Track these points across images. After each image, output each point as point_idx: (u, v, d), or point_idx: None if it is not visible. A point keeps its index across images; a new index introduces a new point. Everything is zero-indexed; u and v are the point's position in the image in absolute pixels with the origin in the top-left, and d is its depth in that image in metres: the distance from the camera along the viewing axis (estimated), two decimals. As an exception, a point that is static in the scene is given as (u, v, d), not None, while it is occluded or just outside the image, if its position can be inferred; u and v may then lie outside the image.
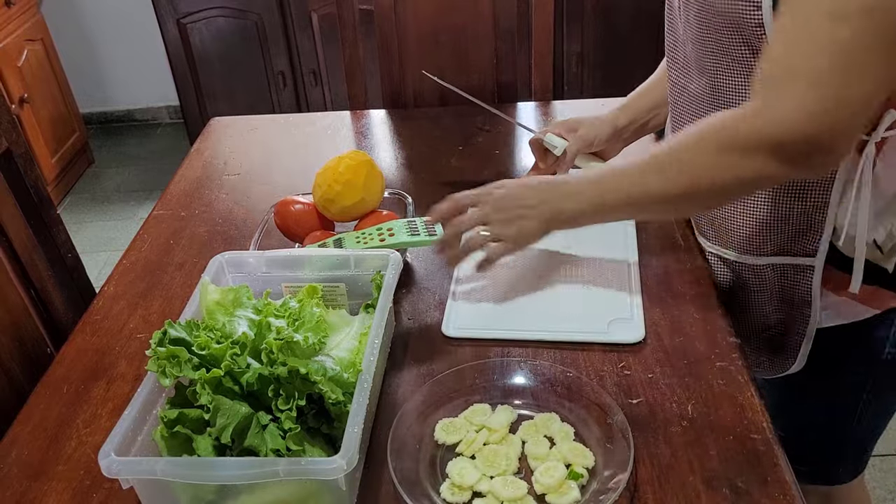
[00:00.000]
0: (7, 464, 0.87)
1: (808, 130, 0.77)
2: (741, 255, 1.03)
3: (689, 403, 0.86)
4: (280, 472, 0.70)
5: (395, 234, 1.02)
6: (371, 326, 0.86)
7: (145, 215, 1.34)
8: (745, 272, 1.05)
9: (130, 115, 3.81)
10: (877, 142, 0.87)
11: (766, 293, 1.04)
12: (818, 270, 0.97)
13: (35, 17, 3.15)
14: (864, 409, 1.05)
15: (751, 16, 0.83)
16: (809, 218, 0.95)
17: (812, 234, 0.95)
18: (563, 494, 0.75)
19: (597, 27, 2.86)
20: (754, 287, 1.05)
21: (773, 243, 0.99)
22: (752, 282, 1.04)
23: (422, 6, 1.63)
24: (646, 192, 0.88)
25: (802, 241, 0.97)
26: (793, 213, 0.95)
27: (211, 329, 0.83)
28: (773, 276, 1.02)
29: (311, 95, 3.04)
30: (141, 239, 1.26)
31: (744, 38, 0.86)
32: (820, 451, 1.12)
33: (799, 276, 0.99)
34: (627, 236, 1.12)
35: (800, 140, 0.77)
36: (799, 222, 0.96)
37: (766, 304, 1.05)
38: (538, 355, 0.94)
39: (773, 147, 0.79)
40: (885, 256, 0.93)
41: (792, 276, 1.00)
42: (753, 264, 1.03)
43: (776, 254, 1.00)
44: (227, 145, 1.54)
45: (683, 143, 0.86)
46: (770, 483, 0.76)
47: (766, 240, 0.99)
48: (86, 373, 0.99)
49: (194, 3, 2.85)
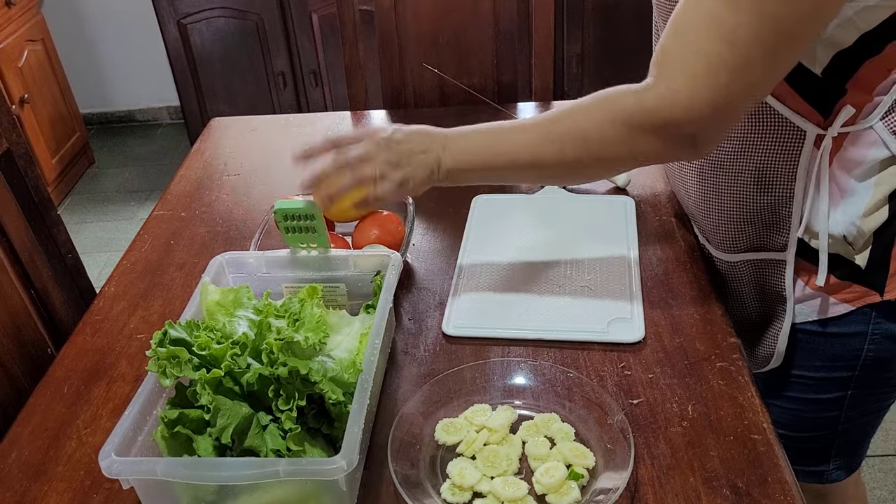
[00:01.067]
0: (7, 464, 0.87)
1: (702, 114, 0.78)
2: (718, 251, 1.05)
3: (689, 404, 0.86)
4: (280, 472, 0.70)
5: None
6: (371, 327, 0.86)
7: (146, 216, 1.34)
8: (723, 267, 1.06)
9: (131, 115, 3.81)
10: (833, 136, 0.87)
11: (744, 288, 1.05)
12: (790, 264, 0.98)
13: (36, 17, 3.15)
14: (849, 407, 1.05)
15: None
16: (775, 212, 0.95)
17: (780, 228, 0.96)
18: (563, 495, 0.75)
19: (597, 28, 2.86)
20: (732, 282, 1.06)
21: (745, 239, 1.00)
22: (730, 277, 1.06)
23: (422, 6, 1.63)
24: (536, 158, 0.88)
25: (772, 235, 0.97)
26: (759, 208, 0.96)
27: (211, 329, 0.83)
28: (749, 272, 1.03)
29: (312, 96, 3.04)
30: (141, 239, 1.26)
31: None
32: (809, 449, 1.12)
33: (772, 271, 1.00)
34: (628, 235, 1.12)
35: (691, 122, 0.79)
36: (766, 217, 0.96)
37: (745, 299, 1.06)
38: (538, 355, 0.94)
39: (668, 127, 0.80)
40: (856, 251, 0.93)
41: (766, 271, 1.01)
42: (729, 260, 1.04)
43: (749, 249, 1.01)
44: (227, 146, 1.55)
45: (578, 113, 0.86)
46: (770, 483, 0.76)
47: (738, 235, 1.00)
48: (86, 373, 0.99)
49: (195, 4, 2.85)
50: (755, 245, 1.00)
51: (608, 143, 0.85)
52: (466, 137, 0.92)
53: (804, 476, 1.14)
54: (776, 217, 0.96)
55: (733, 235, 1.01)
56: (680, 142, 0.82)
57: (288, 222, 0.97)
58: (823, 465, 1.13)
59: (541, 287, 1.05)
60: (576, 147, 0.86)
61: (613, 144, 0.84)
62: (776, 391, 1.09)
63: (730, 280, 1.07)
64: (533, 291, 1.04)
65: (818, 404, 1.07)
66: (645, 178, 1.27)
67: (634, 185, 1.26)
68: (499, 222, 1.17)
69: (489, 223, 1.19)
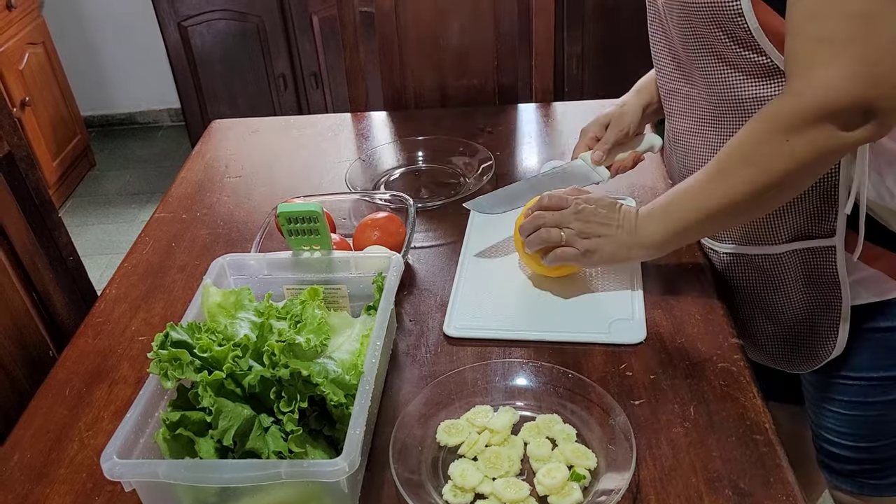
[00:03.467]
0: (9, 467, 0.87)
1: (852, 92, 0.76)
2: (759, 247, 1.02)
3: (691, 405, 0.86)
4: (282, 474, 0.70)
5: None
6: (373, 328, 0.86)
7: (147, 218, 1.35)
8: (765, 263, 1.03)
9: (132, 117, 3.82)
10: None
11: (790, 281, 1.02)
12: (840, 250, 0.95)
13: (36, 20, 3.15)
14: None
15: (729, 6, 0.84)
16: (822, 197, 0.93)
17: (827, 213, 0.94)
18: (565, 496, 0.75)
19: (597, 29, 2.86)
20: (777, 277, 1.03)
21: (789, 228, 0.98)
22: (774, 272, 1.03)
23: (422, 8, 1.63)
24: (720, 201, 0.88)
25: (818, 222, 0.95)
26: (804, 194, 0.94)
27: (213, 331, 0.83)
28: (795, 262, 1.00)
29: (312, 97, 3.04)
30: (142, 241, 1.26)
31: (726, 31, 0.87)
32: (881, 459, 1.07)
33: (821, 259, 0.97)
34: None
35: (847, 104, 0.77)
36: (812, 203, 0.94)
37: (792, 292, 1.03)
38: (539, 356, 0.94)
39: (822, 118, 0.78)
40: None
41: (814, 259, 0.98)
42: (772, 254, 1.01)
43: (794, 239, 0.98)
44: (228, 148, 1.55)
45: (742, 142, 0.85)
46: (773, 484, 0.76)
47: (780, 226, 0.98)
48: (88, 375, 0.99)
49: (195, 6, 2.85)
50: (800, 234, 0.97)
51: (768, 157, 0.83)
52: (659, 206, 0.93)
53: (884, 489, 1.09)
54: (823, 201, 0.93)
55: (776, 226, 0.98)
56: (847, 126, 0.78)
57: (291, 225, 0.97)
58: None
59: (542, 289, 1.05)
60: (744, 174, 0.85)
61: (774, 156, 0.82)
62: (832, 395, 1.05)
63: (773, 274, 1.03)
64: (534, 293, 1.04)
65: (886, 406, 1.04)
66: (645, 179, 1.27)
67: (635, 185, 1.26)
68: (500, 223, 1.17)
69: (490, 225, 1.19)
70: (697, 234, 0.99)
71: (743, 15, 0.83)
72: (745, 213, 0.91)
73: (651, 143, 1.18)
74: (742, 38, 0.86)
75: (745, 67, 0.89)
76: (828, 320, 1.01)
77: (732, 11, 0.84)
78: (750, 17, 0.83)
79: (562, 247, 0.98)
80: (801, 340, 1.05)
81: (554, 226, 0.98)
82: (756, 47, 0.86)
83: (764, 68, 0.88)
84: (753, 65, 0.88)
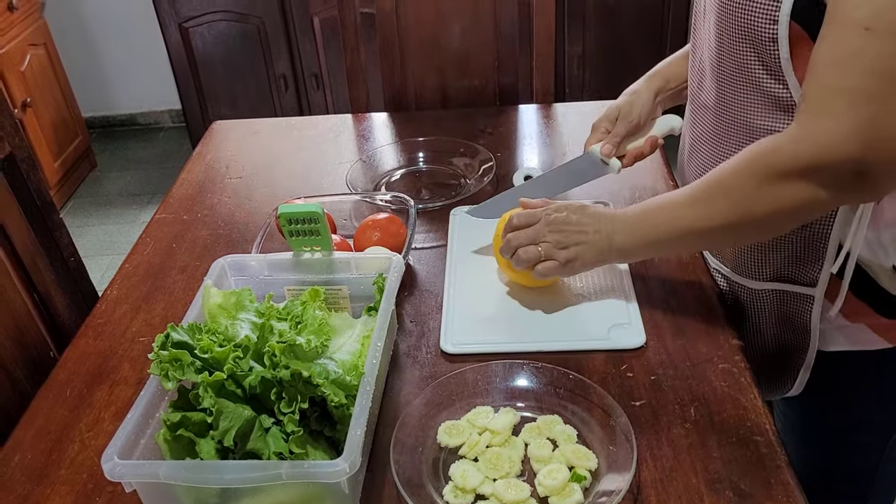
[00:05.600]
0: (10, 467, 0.87)
1: (848, 152, 0.73)
2: (739, 276, 1.02)
3: (691, 405, 0.85)
4: (283, 475, 0.70)
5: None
6: (373, 329, 0.86)
7: (148, 219, 1.35)
8: (742, 293, 1.03)
9: (133, 119, 3.82)
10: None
11: (765, 316, 1.02)
12: (818, 301, 0.94)
13: (38, 21, 3.16)
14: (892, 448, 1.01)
15: (765, 29, 0.81)
16: (810, 245, 0.92)
17: (813, 262, 0.92)
18: (566, 497, 0.75)
19: (598, 29, 2.86)
20: (753, 309, 1.03)
21: (772, 267, 0.97)
22: (750, 304, 1.03)
23: (423, 9, 1.63)
24: (692, 225, 0.86)
25: (803, 268, 0.94)
26: (793, 239, 0.93)
27: (213, 332, 0.83)
28: (772, 301, 1.00)
29: (313, 99, 3.04)
30: (143, 242, 1.26)
31: (756, 53, 0.84)
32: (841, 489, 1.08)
33: (798, 305, 0.97)
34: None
35: (840, 162, 0.74)
36: (799, 248, 0.93)
37: (765, 326, 1.03)
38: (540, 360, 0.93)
39: (815, 171, 0.76)
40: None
41: (791, 303, 0.98)
42: (752, 288, 1.01)
43: (775, 279, 0.98)
44: (229, 149, 1.55)
45: (727, 173, 0.83)
46: (773, 485, 0.76)
47: (764, 263, 0.97)
48: (89, 376, 0.99)
49: (196, 7, 2.85)
50: (782, 276, 0.96)
51: (752, 197, 0.81)
52: (634, 215, 0.92)
53: None
54: (811, 250, 0.92)
55: (760, 262, 0.98)
56: (839, 185, 0.76)
57: (292, 226, 0.97)
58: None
59: (537, 298, 1.03)
60: (722, 206, 0.83)
61: (758, 197, 0.80)
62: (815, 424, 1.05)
63: (748, 306, 1.03)
64: (529, 303, 1.03)
65: (859, 444, 1.03)
66: (645, 179, 1.27)
67: (635, 185, 1.26)
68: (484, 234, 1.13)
69: (474, 229, 1.16)
70: (668, 250, 0.99)
71: (777, 41, 0.80)
72: (718, 242, 0.92)
73: (670, 125, 1.14)
74: (771, 66, 0.83)
75: (766, 95, 0.86)
76: (791, 362, 1.01)
77: (768, 37, 0.81)
78: (783, 45, 0.80)
79: (542, 262, 0.96)
80: (762, 370, 1.04)
81: (530, 243, 0.96)
82: (781, 78, 0.83)
83: (781, 102, 0.85)
84: (774, 96, 0.85)
